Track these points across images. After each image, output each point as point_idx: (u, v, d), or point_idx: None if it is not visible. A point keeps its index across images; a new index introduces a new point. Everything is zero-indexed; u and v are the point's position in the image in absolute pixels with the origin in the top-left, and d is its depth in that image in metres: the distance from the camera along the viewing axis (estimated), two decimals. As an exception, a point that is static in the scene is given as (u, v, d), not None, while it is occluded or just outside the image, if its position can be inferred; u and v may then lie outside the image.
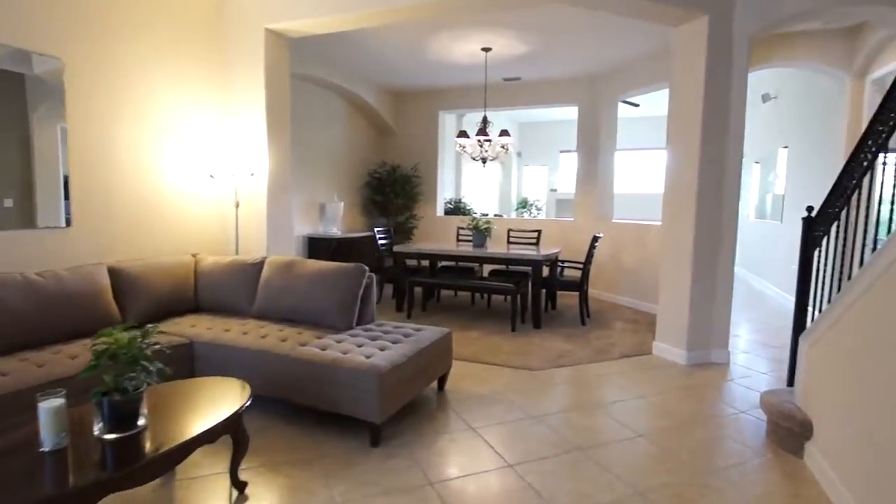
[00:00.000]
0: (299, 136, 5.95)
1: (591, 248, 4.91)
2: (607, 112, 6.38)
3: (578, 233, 6.57)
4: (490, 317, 5.23)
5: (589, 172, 6.54)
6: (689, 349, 3.80)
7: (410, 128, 7.51)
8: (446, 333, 3.13)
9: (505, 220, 7.14)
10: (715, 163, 3.73)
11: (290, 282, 3.23)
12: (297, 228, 6.01)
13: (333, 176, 6.67)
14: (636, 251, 5.80)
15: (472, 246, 5.40)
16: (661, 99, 8.87)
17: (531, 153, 12.83)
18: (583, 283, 4.91)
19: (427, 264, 5.86)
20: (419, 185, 7.40)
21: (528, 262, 4.77)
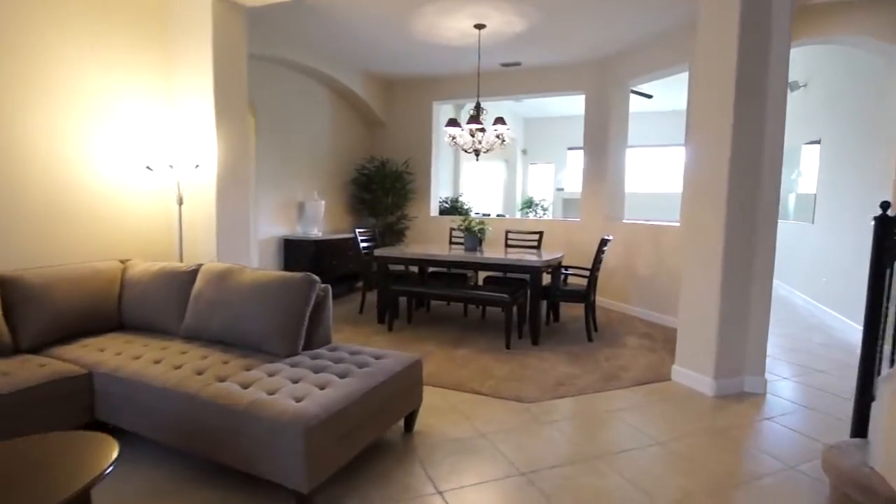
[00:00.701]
0: (275, 128, 5.36)
1: (599, 253, 4.26)
2: (617, 100, 5.71)
3: (585, 235, 5.91)
4: (484, 330, 4.59)
5: (597, 168, 5.87)
6: (717, 377, 3.13)
7: (402, 120, 6.89)
8: (414, 362, 2.50)
9: (503, 221, 6.50)
10: (749, 157, 3.07)
11: (223, 295, 2.62)
12: (272, 229, 5.42)
13: (315, 172, 6.07)
14: (650, 255, 5.13)
15: (464, 249, 4.77)
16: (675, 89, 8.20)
17: (537, 150, 12.17)
18: (589, 293, 4.26)
19: (417, 269, 5.24)
20: (411, 182, 6.78)
21: (526, 268, 4.12)
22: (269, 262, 5.38)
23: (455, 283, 4.84)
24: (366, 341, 4.16)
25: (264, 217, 5.31)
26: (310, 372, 2.24)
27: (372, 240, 5.45)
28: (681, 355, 3.38)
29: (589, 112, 5.92)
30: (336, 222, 6.50)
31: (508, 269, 4.20)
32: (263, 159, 5.24)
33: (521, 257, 4.28)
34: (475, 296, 4.19)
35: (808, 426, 2.75)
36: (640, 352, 4.02)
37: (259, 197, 5.21)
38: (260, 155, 5.19)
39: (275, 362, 2.35)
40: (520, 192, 12.13)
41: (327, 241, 5.63)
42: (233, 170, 3.59)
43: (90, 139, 3.22)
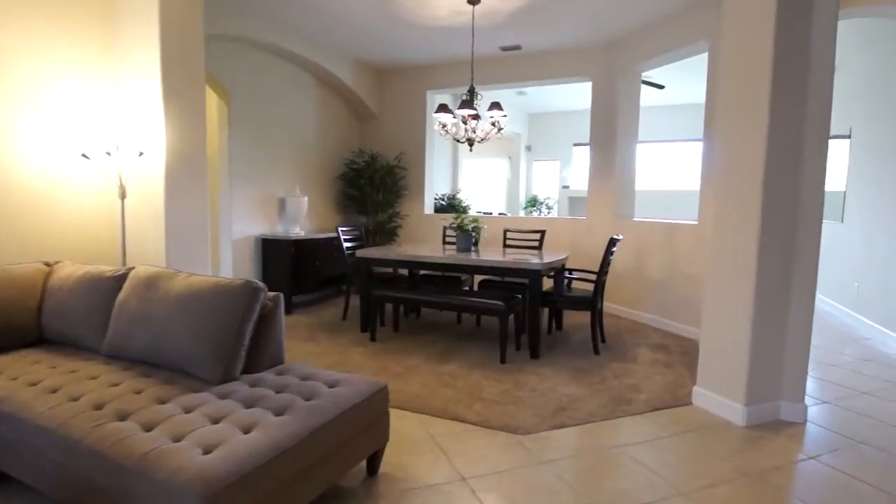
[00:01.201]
0: (252, 117, 4.90)
1: (608, 254, 3.76)
2: (627, 87, 5.20)
3: (592, 234, 5.41)
4: (478, 340, 4.11)
5: (605, 162, 5.37)
6: (748, 402, 2.63)
7: (395, 111, 6.42)
8: (377, 391, 2.02)
9: (501, 219, 6.01)
10: (789, 147, 2.57)
11: (147, 307, 2.16)
12: (248, 228, 4.97)
13: (299, 166, 5.62)
14: (663, 257, 4.62)
15: (456, 250, 4.29)
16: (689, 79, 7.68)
17: (541, 147, 11.67)
18: (596, 300, 3.76)
19: (407, 272, 4.77)
20: (403, 177, 6.31)
21: (524, 271, 3.64)
22: (245, 265, 4.93)
23: (447, 288, 4.36)
24: (342, 354, 3.69)
25: (240, 214, 4.86)
26: (240, 406, 1.77)
27: (358, 239, 4.98)
28: (704, 375, 2.88)
29: (596, 101, 5.41)
30: (323, 220, 6.04)
31: (504, 273, 3.71)
32: (238, 151, 4.79)
33: (519, 259, 3.79)
34: (466, 303, 3.70)
35: (864, 468, 2.24)
36: (655, 368, 3.51)
37: (233, 192, 4.76)
38: (234, 146, 4.74)
39: (201, 391, 1.89)
40: (524, 190, 11.64)
41: (309, 240, 5.17)
42: (186, 159, 3.13)
43: (15, 124, 2.78)
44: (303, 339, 4.12)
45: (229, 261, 4.80)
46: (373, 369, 3.38)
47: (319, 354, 3.69)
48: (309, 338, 4.14)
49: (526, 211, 11.39)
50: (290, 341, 4.03)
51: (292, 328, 4.44)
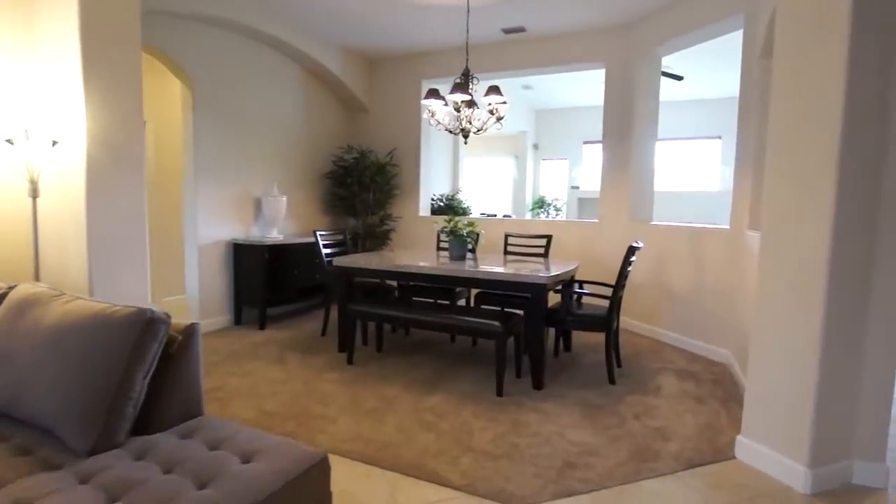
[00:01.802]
0: (223, 107, 4.37)
1: (626, 265, 3.17)
2: (645, 73, 4.60)
3: (604, 239, 4.82)
4: (473, 363, 3.53)
5: (620, 159, 4.77)
6: (813, 463, 2.03)
7: (387, 104, 5.87)
8: (311, 467, 1.44)
9: (503, 222, 5.42)
10: (870, 136, 1.97)
11: (13, 341, 1.61)
12: (218, 231, 4.43)
13: (280, 163, 5.08)
14: (688, 266, 4.02)
15: (449, 258, 3.72)
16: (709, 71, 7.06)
17: (549, 145, 11.07)
18: (612, 319, 3.17)
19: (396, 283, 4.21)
20: (396, 175, 5.75)
21: (525, 285, 3.05)
22: (214, 274, 4.40)
23: (439, 302, 3.79)
24: (309, 383, 3.13)
25: (208, 216, 4.32)
26: (100, 498, 1.21)
27: (340, 244, 4.43)
28: (751, 424, 2.28)
29: (610, 90, 4.82)
30: (309, 222, 5.50)
31: (501, 287, 3.14)
32: (205, 143, 4.25)
33: (520, 270, 3.22)
34: (456, 322, 3.13)
35: None
36: (683, 403, 2.92)
37: (199, 190, 4.23)
38: (200, 138, 4.20)
39: (60, 467, 1.34)
40: (530, 190, 11.04)
41: (287, 246, 4.62)
42: (115, 149, 2.58)
43: None
44: (270, 360, 3.56)
45: (195, 269, 4.27)
46: (341, 404, 2.82)
47: (283, 383, 3.13)
48: (277, 359, 3.59)
49: (533, 213, 10.80)
50: (256, 363, 3.48)
51: (262, 346, 3.89)
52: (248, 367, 3.42)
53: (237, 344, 3.95)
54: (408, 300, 3.74)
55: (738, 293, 3.52)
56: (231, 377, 3.22)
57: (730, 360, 3.61)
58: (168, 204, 5.14)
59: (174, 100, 5.04)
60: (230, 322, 4.56)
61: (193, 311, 4.32)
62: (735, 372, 3.40)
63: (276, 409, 2.74)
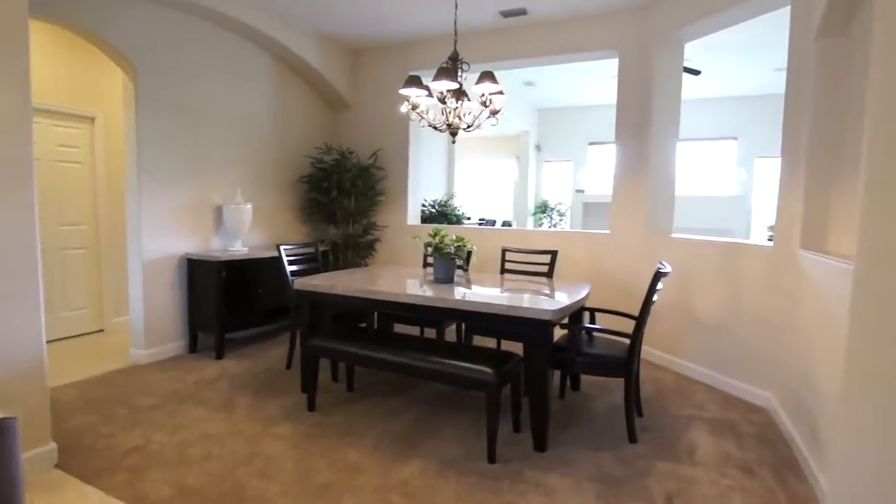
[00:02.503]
0: (176, 101, 3.75)
1: (651, 292, 2.53)
2: (666, 62, 3.97)
3: (617, 254, 4.18)
4: (462, 408, 2.90)
5: (635, 161, 4.14)
6: None
7: (371, 99, 5.25)
8: None
9: (500, 234, 4.77)
10: None
11: None
12: (170, 244, 3.82)
13: (248, 165, 4.46)
14: (719, 289, 3.38)
15: (433, 279, 3.10)
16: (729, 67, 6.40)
17: (553, 146, 10.45)
18: (632, 360, 2.53)
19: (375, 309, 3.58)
20: (382, 179, 5.13)
21: (525, 321, 2.42)
22: (163, 294, 3.77)
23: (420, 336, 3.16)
24: (254, 441, 2.50)
25: (156, 227, 3.70)
26: None
27: (310, 259, 3.80)
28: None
29: (624, 81, 4.19)
30: (282, 233, 4.88)
31: (495, 322, 2.50)
32: (152, 144, 3.64)
33: (519, 297, 2.58)
34: (438, 368, 2.49)
35: None
36: (726, 472, 2.28)
37: (144, 199, 3.61)
38: (145, 137, 3.59)
39: None
40: (532, 194, 10.42)
41: (249, 261, 4.00)
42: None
43: None
44: (215, 406, 2.94)
45: (139, 289, 3.65)
46: (287, 476, 2.19)
47: (222, 441, 2.50)
48: (224, 404, 2.96)
49: (535, 218, 10.18)
50: (196, 410, 2.86)
51: (211, 384, 3.27)
52: (184, 416, 2.79)
53: (182, 381, 3.33)
54: (385, 332, 3.10)
55: (785, 324, 2.88)
56: (158, 432, 2.59)
57: (773, 405, 2.97)
58: (119, 213, 4.54)
59: (113, 89, 4.44)
60: (184, 349, 3.94)
61: (137, 338, 3.70)
62: (781, 422, 2.76)
63: (200, 485, 2.11)
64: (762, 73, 6.93)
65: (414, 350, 2.61)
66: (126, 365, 3.63)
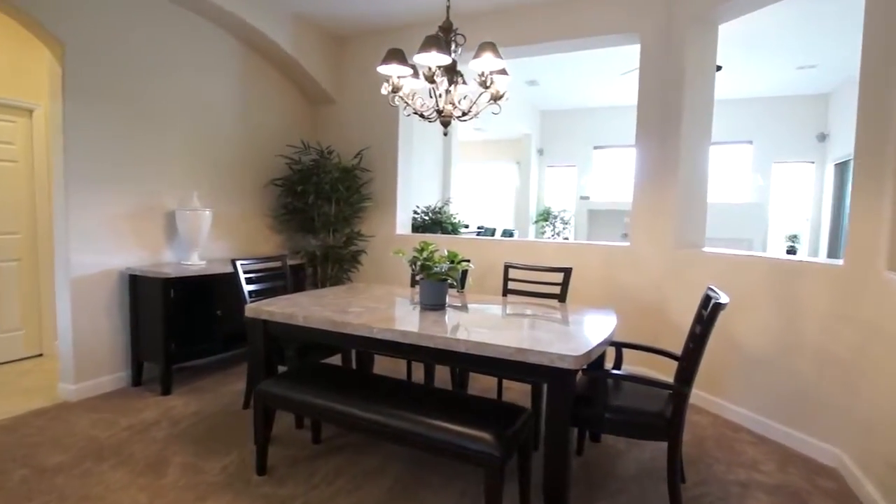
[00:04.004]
0: (117, 88, 3.16)
1: (707, 330, 1.91)
2: (698, 47, 3.40)
3: (640, 270, 3.58)
4: (451, 475, 2.28)
5: (660, 164, 3.56)
6: None
7: (357, 92, 4.66)
8: None
9: (501, 245, 4.15)
10: None
11: None
12: (107, 258, 3.21)
13: (207, 165, 3.86)
14: (768, 317, 2.77)
15: (420, 306, 2.48)
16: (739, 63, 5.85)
17: (556, 150, 9.88)
18: (676, 421, 1.92)
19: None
20: (368, 182, 4.53)
21: (539, 370, 1.80)
22: (97, 318, 3.15)
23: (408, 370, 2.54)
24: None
25: (87, 237, 3.09)
26: None
27: (275, 276, 3.18)
28: None
29: (647, 72, 3.61)
30: (250, 243, 4.27)
31: (498, 369, 1.89)
32: (84, 138, 3.04)
33: (528, 333, 1.97)
34: (418, 433, 1.86)
35: None
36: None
37: (73, 203, 3.00)
38: (75, 130, 2.99)
39: None
40: (534, 201, 9.83)
41: (205, 277, 3.38)
42: None
43: None
44: (141, 465, 2.31)
45: (67, 311, 3.03)
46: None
47: (130, 527, 1.88)
48: (155, 461, 2.34)
49: (537, 227, 9.59)
50: (114, 473, 2.23)
51: (145, 432, 2.64)
52: (97, 481, 2.17)
53: (111, 427, 2.70)
54: (360, 374, 2.48)
55: (861, 362, 2.28)
56: (53, 510, 1.97)
57: (843, 464, 2.36)
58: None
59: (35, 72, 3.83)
60: (127, 381, 3.31)
61: (66, 370, 3.07)
62: (861, 489, 2.14)
63: None
64: (784, 72, 6.38)
65: (393, 401, 1.99)
66: (50, 403, 3.01)
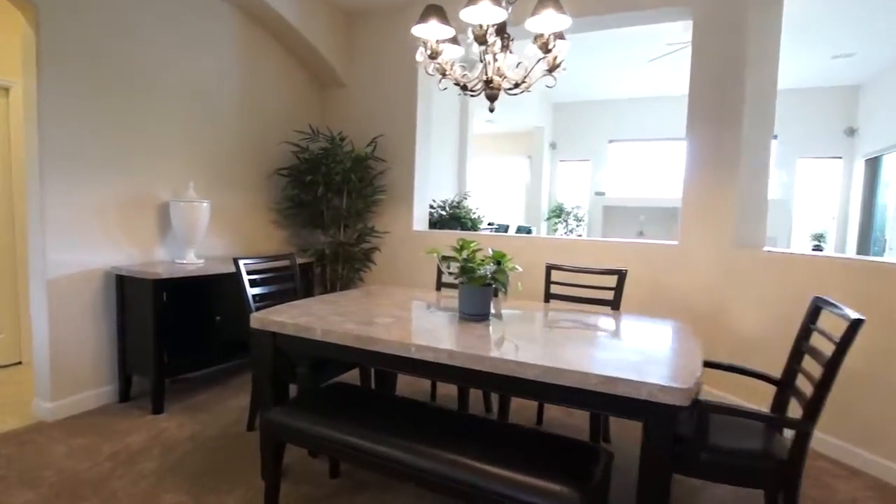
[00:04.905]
0: (104, 65, 2.74)
1: (844, 349, 1.53)
2: (759, 23, 3.00)
3: (690, 271, 3.20)
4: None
5: (714, 159, 3.17)
6: None
7: (372, 74, 4.25)
8: None
9: (536, 244, 3.73)
10: None
11: None
12: (90, 255, 2.80)
13: (204, 152, 3.45)
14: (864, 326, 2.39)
15: (459, 315, 2.08)
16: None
17: (569, 144, 9.49)
18: (799, 466, 1.53)
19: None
20: (383, 172, 4.13)
21: (628, 405, 1.41)
22: (78, 325, 2.74)
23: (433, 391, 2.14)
24: None
25: (67, 232, 2.68)
26: None
27: (285, 278, 2.77)
28: None
29: (700, 52, 3.21)
30: (252, 240, 3.87)
31: (579, 402, 1.49)
32: (65, 118, 2.62)
33: (602, 348, 1.58)
34: (466, 482, 1.47)
35: None
36: None
37: (49, 193, 2.59)
38: (54, 108, 2.57)
39: None
40: (546, 196, 9.43)
41: (201, 279, 2.97)
42: None
43: None
44: (128, 501, 1.91)
45: (44, 317, 2.62)
46: None
47: None
48: (143, 500, 1.94)
49: (549, 223, 9.20)
50: (90, 519, 1.83)
51: (133, 462, 2.24)
52: None
53: (92, 455, 2.30)
54: (388, 399, 2.08)
55: None
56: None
57: (963, 506, 1.98)
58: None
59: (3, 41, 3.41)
60: (113, 397, 2.91)
61: (42, 385, 2.67)
62: None
63: None
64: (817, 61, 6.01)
65: (432, 437, 1.59)
66: (22, 424, 2.60)
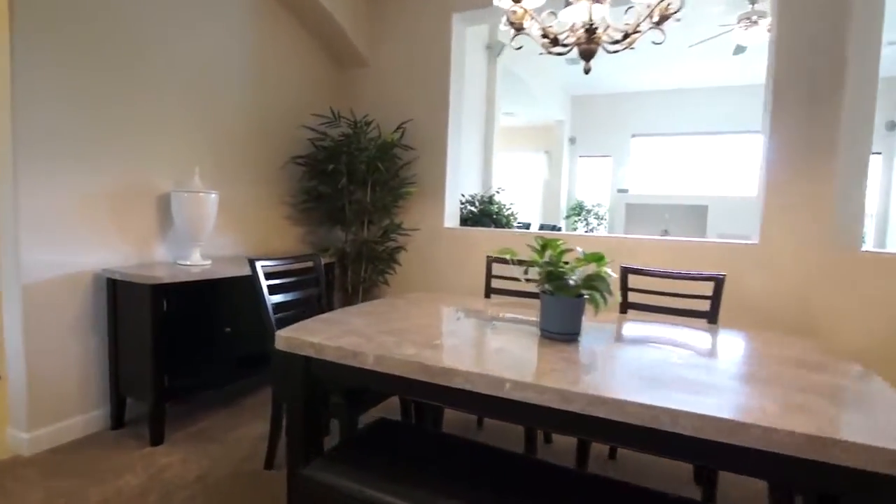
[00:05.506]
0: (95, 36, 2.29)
1: None
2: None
3: (773, 274, 2.76)
4: None
5: (806, 152, 2.74)
6: None
7: (397, 53, 3.80)
8: None
9: (602, 243, 3.27)
10: None
11: None
12: (77, 256, 2.35)
13: (211, 137, 3.01)
14: None
15: (541, 332, 1.63)
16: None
17: (589, 139, 9.07)
18: None
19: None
20: (411, 161, 3.68)
21: (827, 474, 0.96)
22: (61, 338, 2.29)
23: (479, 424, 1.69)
24: None
25: (52, 227, 2.24)
26: None
27: (309, 283, 2.32)
28: None
29: (785, 26, 2.77)
30: (264, 238, 3.42)
31: (746, 468, 1.05)
32: (46, 95, 2.18)
33: (763, 384, 1.14)
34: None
35: None
36: None
37: (24, 184, 2.14)
38: (31, 84, 2.13)
39: None
40: (565, 193, 9.01)
41: (207, 283, 2.53)
42: None
43: None
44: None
45: (18, 329, 2.17)
46: None
47: None
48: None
49: (568, 222, 8.77)
50: None
51: (124, 514, 1.79)
52: None
53: (76, 502, 1.85)
54: (461, 444, 1.63)
55: None
56: None
57: None
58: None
59: None
60: (103, 423, 2.46)
61: (17, 413, 2.22)
62: None
63: None
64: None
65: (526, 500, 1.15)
66: (-6, 458, 2.16)
